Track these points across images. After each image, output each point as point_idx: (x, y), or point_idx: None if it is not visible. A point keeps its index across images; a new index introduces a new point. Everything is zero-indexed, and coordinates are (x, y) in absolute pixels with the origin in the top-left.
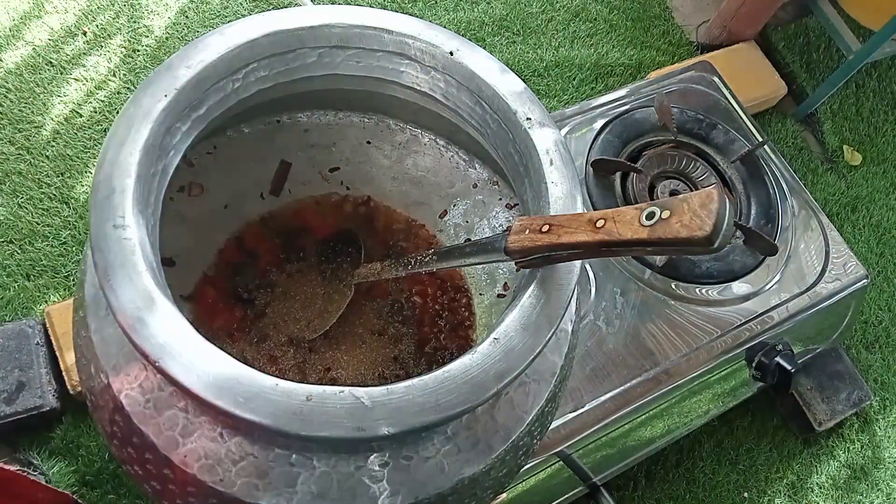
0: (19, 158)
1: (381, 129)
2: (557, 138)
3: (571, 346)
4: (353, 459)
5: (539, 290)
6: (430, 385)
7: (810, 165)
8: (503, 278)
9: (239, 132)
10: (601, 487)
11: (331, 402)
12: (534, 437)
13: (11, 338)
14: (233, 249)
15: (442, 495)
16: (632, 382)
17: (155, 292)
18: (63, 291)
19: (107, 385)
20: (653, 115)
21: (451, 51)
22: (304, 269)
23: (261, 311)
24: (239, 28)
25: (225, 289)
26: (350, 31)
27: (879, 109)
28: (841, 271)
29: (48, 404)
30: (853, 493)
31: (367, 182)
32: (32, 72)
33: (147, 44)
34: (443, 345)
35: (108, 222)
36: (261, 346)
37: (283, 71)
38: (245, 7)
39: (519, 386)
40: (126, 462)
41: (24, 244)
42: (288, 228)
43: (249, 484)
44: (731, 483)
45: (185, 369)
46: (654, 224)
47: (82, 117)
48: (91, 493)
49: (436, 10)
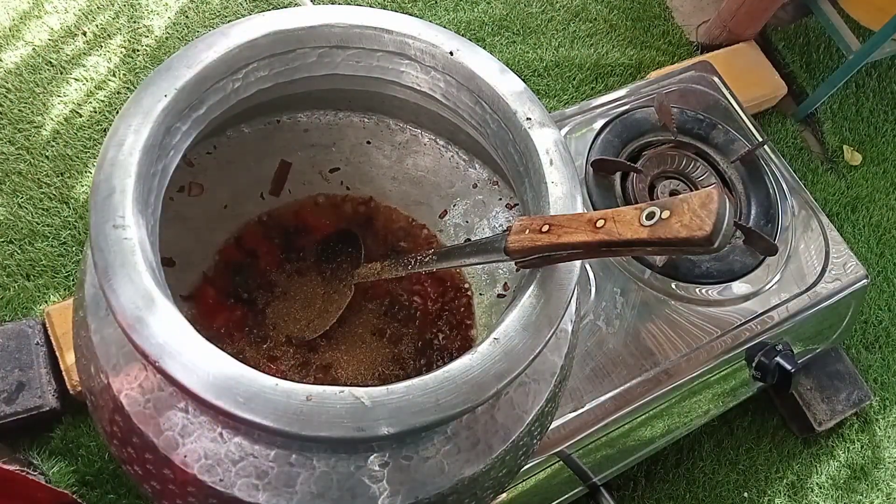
0: (19, 158)
1: (381, 129)
2: (557, 138)
3: (571, 346)
4: (353, 459)
5: (539, 290)
6: (430, 385)
7: (810, 165)
8: (503, 278)
9: (239, 132)
10: (601, 487)
11: (331, 402)
12: (534, 437)
13: (11, 338)
14: (233, 249)
15: (442, 495)
16: (632, 382)
17: (155, 292)
18: (63, 291)
19: (107, 385)
20: (653, 115)
21: (451, 51)
22: (303, 269)
23: (261, 311)
24: (239, 28)
25: (225, 289)
26: (350, 31)
27: (879, 109)
28: (841, 271)
29: (48, 404)
30: (853, 493)
31: (367, 182)
32: (32, 72)
33: (147, 44)
34: (443, 345)
35: (108, 222)
36: (261, 346)
37: (283, 71)
38: (245, 7)
39: (519, 386)
40: (126, 462)
41: (24, 244)
42: (288, 228)
43: (249, 484)
44: (731, 483)
45: (185, 369)
46: (654, 224)
47: (82, 117)
48: (91, 493)
49: (436, 10)
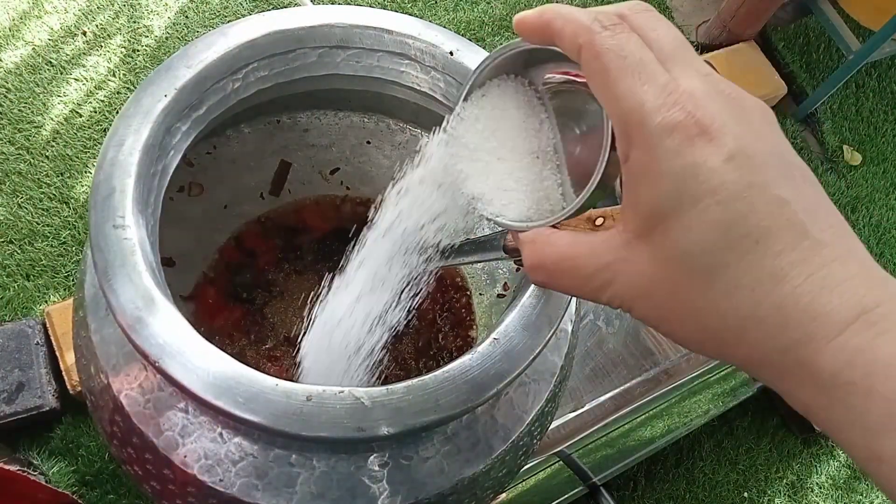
0: (19, 158)
1: (381, 129)
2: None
3: (571, 346)
4: (353, 459)
5: (539, 290)
6: (430, 385)
7: (810, 165)
8: (503, 278)
9: (239, 132)
10: (601, 487)
11: (331, 402)
12: (534, 437)
13: (11, 338)
14: (233, 249)
15: (442, 495)
16: (632, 382)
17: (155, 292)
18: (63, 291)
19: (107, 385)
20: None
21: (451, 51)
22: (302, 268)
23: (260, 310)
24: (239, 28)
25: (225, 289)
26: (350, 31)
27: (879, 109)
28: None
29: (48, 404)
30: (853, 493)
31: (367, 182)
32: (32, 72)
33: (147, 44)
34: (443, 345)
35: (108, 222)
36: (261, 346)
37: (283, 71)
38: (245, 7)
39: (519, 386)
40: (126, 462)
41: (23, 244)
42: (288, 228)
43: (249, 484)
44: (731, 483)
45: (185, 369)
46: None
47: (82, 117)
48: (91, 493)
49: (436, 10)
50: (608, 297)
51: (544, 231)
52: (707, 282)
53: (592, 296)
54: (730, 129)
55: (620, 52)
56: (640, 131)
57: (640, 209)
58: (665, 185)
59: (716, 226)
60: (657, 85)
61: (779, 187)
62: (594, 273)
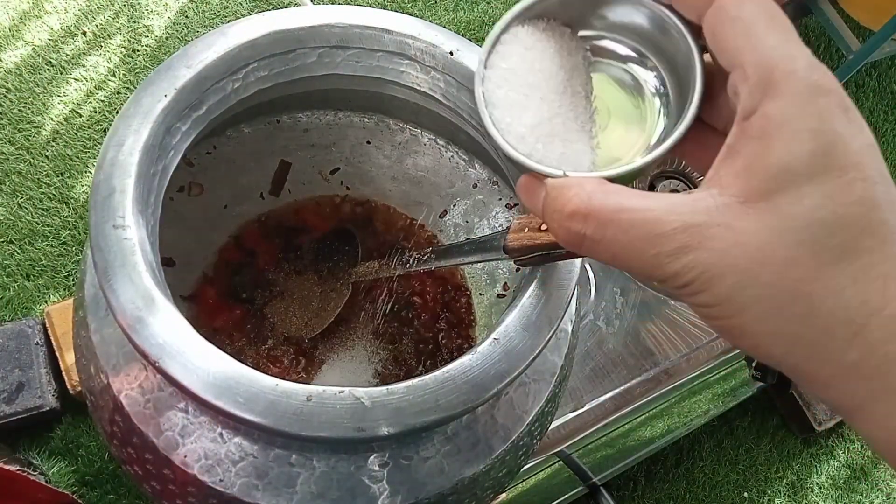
0: (19, 158)
1: (381, 129)
2: None
3: (571, 346)
4: (353, 459)
5: (539, 290)
6: (430, 385)
7: None
8: (503, 278)
9: (239, 132)
10: (601, 487)
11: (331, 402)
12: (534, 437)
13: (11, 338)
14: (232, 249)
15: (442, 495)
16: (632, 382)
17: (155, 292)
18: (63, 291)
19: (107, 385)
20: None
21: (451, 51)
22: (302, 268)
23: (260, 310)
24: (239, 28)
25: (225, 289)
26: (350, 31)
27: (879, 109)
28: None
29: (48, 404)
30: (853, 492)
31: (367, 182)
32: (32, 72)
33: (147, 44)
34: (443, 345)
35: (108, 222)
36: (260, 346)
37: (282, 71)
38: (245, 7)
39: (519, 386)
40: (126, 462)
41: (23, 244)
42: (288, 228)
43: (249, 484)
44: (731, 483)
45: (185, 369)
46: None
47: (82, 117)
48: (91, 493)
49: (436, 10)
50: (681, 265)
51: (592, 178)
52: (835, 263)
53: (656, 262)
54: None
55: (770, 7)
56: (792, 82)
57: (768, 167)
58: (812, 144)
59: (861, 202)
60: (805, 49)
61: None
62: (671, 232)
